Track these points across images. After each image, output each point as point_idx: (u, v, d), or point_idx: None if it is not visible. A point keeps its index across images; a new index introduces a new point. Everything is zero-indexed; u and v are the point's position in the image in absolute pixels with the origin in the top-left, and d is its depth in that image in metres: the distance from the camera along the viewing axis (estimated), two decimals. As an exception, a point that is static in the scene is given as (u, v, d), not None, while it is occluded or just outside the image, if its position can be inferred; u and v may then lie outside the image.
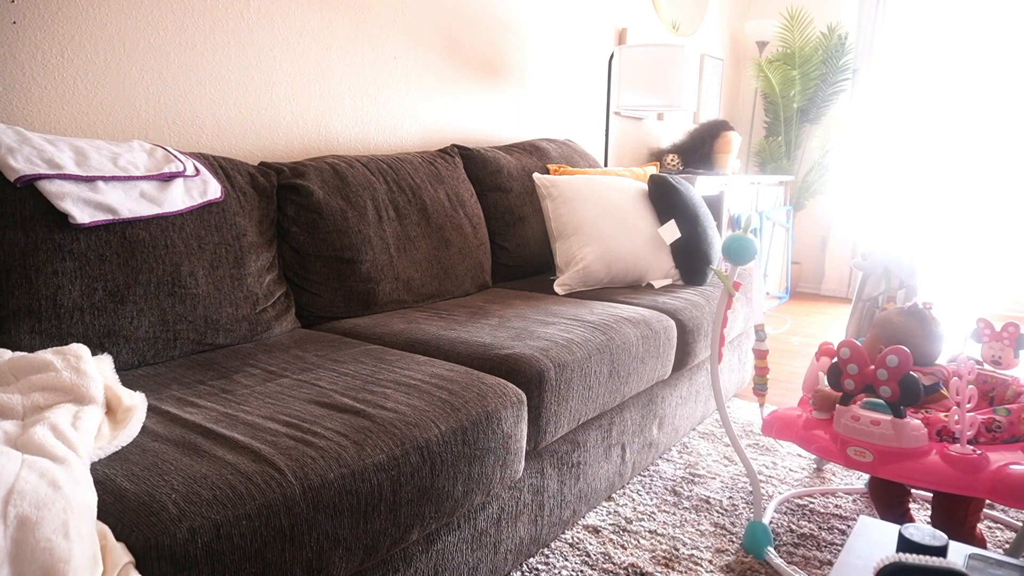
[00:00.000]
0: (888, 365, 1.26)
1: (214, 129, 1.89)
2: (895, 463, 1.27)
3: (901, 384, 1.25)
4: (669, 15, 3.89)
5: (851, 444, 1.33)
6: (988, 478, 1.20)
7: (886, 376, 1.26)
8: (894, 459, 1.28)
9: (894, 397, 1.27)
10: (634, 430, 1.88)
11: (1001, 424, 1.35)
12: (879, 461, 1.29)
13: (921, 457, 1.27)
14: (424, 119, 2.52)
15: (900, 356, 1.25)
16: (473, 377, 1.33)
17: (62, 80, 1.58)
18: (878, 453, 1.29)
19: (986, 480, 1.20)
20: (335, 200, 1.83)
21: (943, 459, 1.25)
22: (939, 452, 1.27)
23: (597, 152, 3.48)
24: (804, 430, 1.45)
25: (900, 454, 1.28)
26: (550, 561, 1.55)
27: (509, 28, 2.85)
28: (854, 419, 1.33)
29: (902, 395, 1.26)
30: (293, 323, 1.72)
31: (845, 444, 1.34)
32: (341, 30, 2.18)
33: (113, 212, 1.36)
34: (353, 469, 1.00)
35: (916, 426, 1.29)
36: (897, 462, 1.27)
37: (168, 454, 0.96)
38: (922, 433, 1.29)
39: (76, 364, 1.06)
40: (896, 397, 1.26)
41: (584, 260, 2.18)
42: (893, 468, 1.28)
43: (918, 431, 1.29)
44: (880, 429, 1.30)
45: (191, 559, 0.81)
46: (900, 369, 1.25)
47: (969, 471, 1.22)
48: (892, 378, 1.26)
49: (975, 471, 1.21)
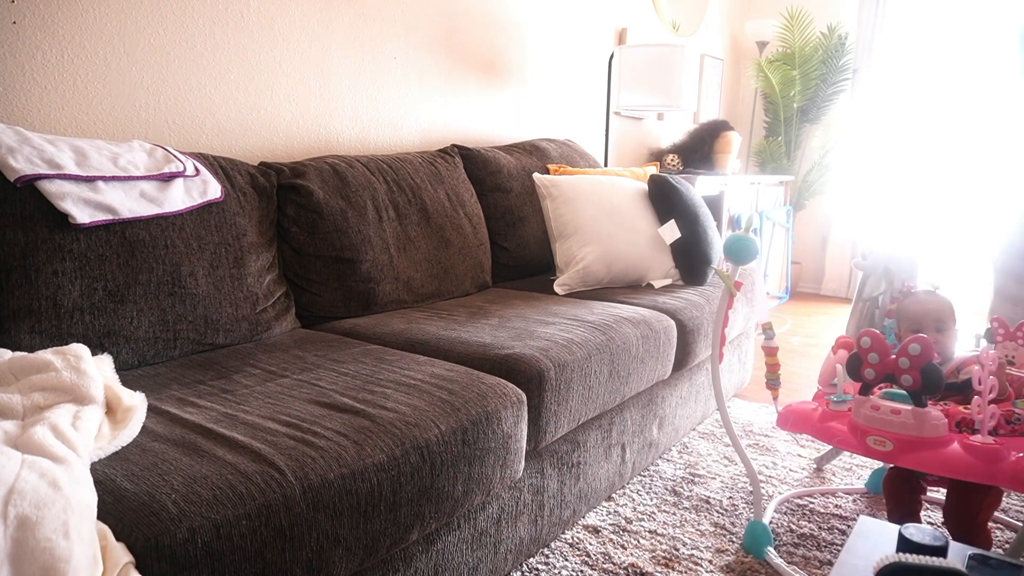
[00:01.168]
0: (910, 353, 1.26)
1: (214, 129, 1.89)
2: (915, 452, 1.27)
3: (923, 373, 1.25)
4: (669, 15, 3.89)
5: (871, 433, 1.33)
6: (1009, 468, 1.20)
7: (908, 365, 1.26)
8: (914, 448, 1.28)
9: (915, 386, 1.27)
10: (634, 430, 1.88)
11: (1021, 416, 1.36)
12: (899, 450, 1.29)
13: (941, 447, 1.27)
14: (424, 119, 2.52)
15: (922, 345, 1.25)
16: (473, 377, 1.33)
17: (62, 80, 1.58)
18: (898, 442, 1.29)
19: (1007, 470, 1.20)
20: (335, 200, 1.83)
21: (964, 448, 1.25)
22: (960, 442, 1.27)
23: (597, 152, 3.48)
24: (820, 422, 1.45)
25: (920, 443, 1.28)
26: (550, 561, 1.55)
27: (509, 28, 2.85)
28: (874, 408, 1.33)
29: (924, 384, 1.26)
30: (293, 323, 1.72)
31: (865, 434, 1.34)
32: (341, 30, 2.18)
33: (113, 212, 1.36)
34: (353, 469, 1.00)
35: (937, 415, 1.29)
36: (917, 451, 1.27)
37: (168, 454, 0.96)
38: (942, 423, 1.29)
39: (76, 364, 1.06)
40: (918, 386, 1.27)
41: (584, 260, 2.18)
42: (913, 457, 1.27)
43: (938, 420, 1.29)
44: (900, 418, 1.30)
45: (191, 559, 0.81)
46: (922, 358, 1.25)
47: (990, 460, 1.22)
48: (914, 367, 1.26)
49: (996, 461, 1.22)
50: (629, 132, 3.72)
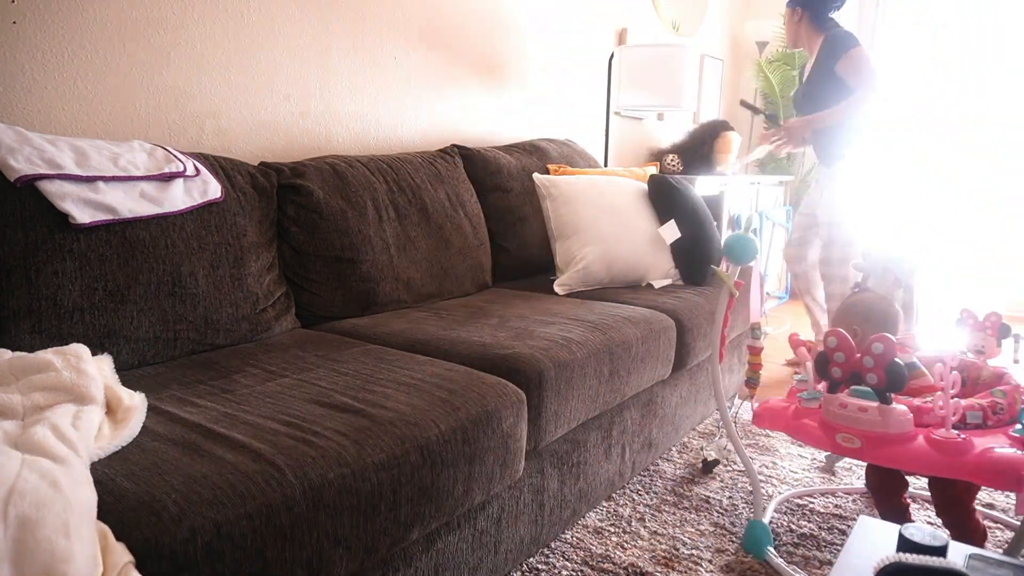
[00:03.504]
0: (874, 353, 1.29)
1: (214, 129, 1.89)
2: (883, 448, 1.31)
3: (887, 371, 1.29)
4: (669, 15, 3.89)
5: (840, 431, 1.36)
6: (972, 461, 1.24)
7: (872, 364, 1.30)
8: (882, 444, 1.31)
9: (880, 384, 1.30)
10: (634, 430, 1.88)
11: (1003, 406, 1.39)
12: (867, 447, 1.33)
13: (908, 442, 1.31)
14: (424, 119, 2.52)
15: (885, 344, 1.28)
16: (473, 377, 1.33)
17: (62, 80, 1.58)
18: (866, 439, 1.33)
19: (970, 463, 1.24)
20: (335, 200, 1.83)
21: (929, 443, 1.29)
22: (925, 437, 1.30)
23: (597, 152, 3.48)
24: (793, 419, 1.48)
25: (887, 439, 1.31)
26: (550, 561, 1.55)
27: (509, 28, 2.85)
28: (842, 406, 1.37)
29: (888, 382, 1.29)
30: (293, 323, 1.72)
31: (834, 431, 1.37)
32: (341, 30, 2.18)
33: (113, 212, 1.36)
34: (353, 468, 1.00)
35: (902, 412, 1.32)
36: (884, 447, 1.31)
37: (168, 454, 0.96)
38: (908, 418, 1.32)
39: (76, 364, 1.06)
40: (883, 384, 1.30)
41: (584, 260, 2.18)
42: (881, 453, 1.31)
43: (904, 416, 1.32)
44: (868, 415, 1.33)
45: (191, 559, 0.81)
46: (885, 356, 1.28)
47: (954, 454, 1.25)
48: (878, 365, 1.29)
49: (960, 454, 1.25)
50: (629, 132, 3.72)
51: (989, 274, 4.07)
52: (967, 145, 4.05)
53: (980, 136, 4.01)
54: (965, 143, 4.05)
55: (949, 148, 4.10)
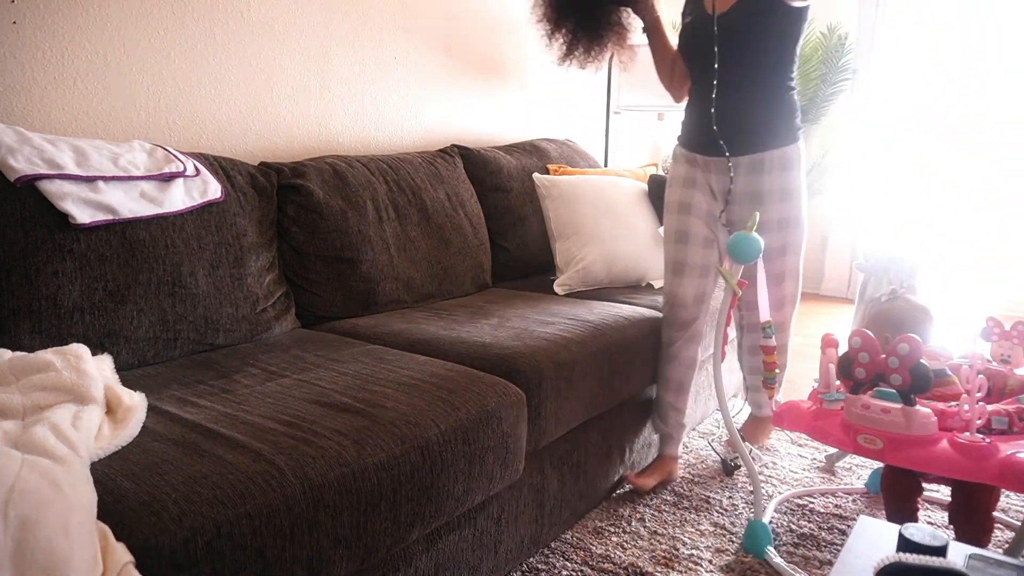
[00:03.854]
0: (899, 353, 1.28)
1: (214, 129, 1.89)
2: (905, 450, 1.29)
3: (912, 372, 1.27)
4: (669, 15, 3.89)
5: (862, 432, 1.34)
6: (996, 465, 1.22)
7: (897, 364, 1.28)
8: (904, 446, 1.29)
9: (905, 385, 1.29)
10: (634, 430, 1.88)
11: None
12: (889, 448, 1.30)
13: (931, 445, 1.28)
14: (424, 119, 2.52)
15: (911, 345, 1.26)
16: (473, 377, 1.33)
17: (62, 80, 1.58)
18: (888, 440, 1.31)
19: (994, 467, 1.22)
20: (335, 200, 1.83)
21: (952, 446, 1.27)
22: (949, 440, 1.28)
23: (597, 152, 3.48)
24: (814, 420, 1.46)
25: (910, 441, 1.29)
26: (550, 561, 1.55)
27: (509, 28, 2.84)
28: (864, 408, 1.35)
29: (913, 383, 1.28)
30: (293, 323, 1.72)
31: (856, 432, 1.35)
32: (341, 30, 2.18)
33: (113, 212, 1.36)
34: (353, 468, 1.00)
35: (926, 414, 1.30)
36: (907, 449, 1.29)
37: (168, 454, 0.96)
38: (932, 421, 1.30)
39: (76, 364, 1.06)
40: (907, 385, 1.28)
41: (584, 260, 2.18)
42: (903, 455, 1.29)
43: (928, 419, 1.30)
44: (891, 417, 1.31)
45: (191, 559, 0.81)
46: (911, 357, 1.27)
47: (978, 458, 1.23)
48: (903, 366, 1.28)
49: (984, 458, 1.23)
50: (629, 132, 3.72)
51: (989, 274, 4.06)
52: (967, 145, 4.05)
53: (980, 136, 4.01)
54: (965, 143, 4.05)
55: (949, 148, 4.09)
